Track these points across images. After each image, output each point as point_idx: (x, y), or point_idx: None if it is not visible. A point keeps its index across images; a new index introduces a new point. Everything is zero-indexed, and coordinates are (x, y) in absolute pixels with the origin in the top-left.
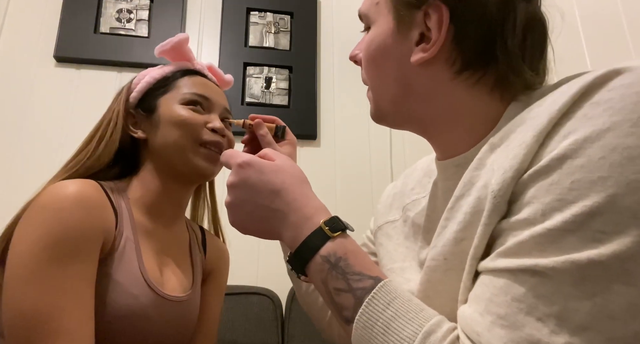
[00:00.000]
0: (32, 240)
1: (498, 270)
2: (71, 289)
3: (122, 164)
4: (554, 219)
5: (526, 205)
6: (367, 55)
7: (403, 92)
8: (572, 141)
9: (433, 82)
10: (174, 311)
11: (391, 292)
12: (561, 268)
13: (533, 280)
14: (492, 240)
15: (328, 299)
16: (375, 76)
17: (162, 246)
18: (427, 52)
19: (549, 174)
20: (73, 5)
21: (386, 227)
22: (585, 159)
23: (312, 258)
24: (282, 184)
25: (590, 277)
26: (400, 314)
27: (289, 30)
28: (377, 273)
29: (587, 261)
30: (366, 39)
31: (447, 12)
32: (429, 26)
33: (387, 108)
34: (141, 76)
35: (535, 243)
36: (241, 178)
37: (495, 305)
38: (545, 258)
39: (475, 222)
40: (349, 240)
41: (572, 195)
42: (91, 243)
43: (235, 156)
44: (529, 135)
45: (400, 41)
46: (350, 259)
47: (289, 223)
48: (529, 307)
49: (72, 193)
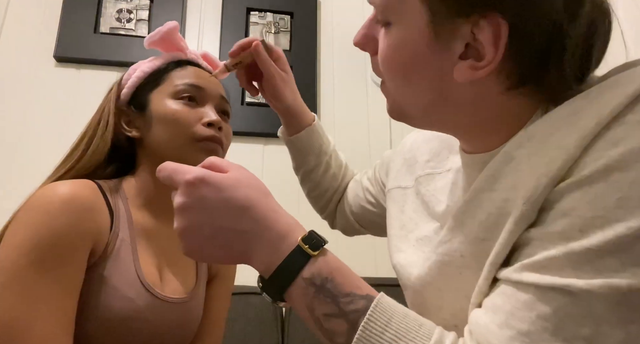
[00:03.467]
0: (14, 244)
1: (524, 284)
2: (50, 296)
3: (121, 162)
4: (594, 237)
5: (562, 217)
6: (392, 61)
7: (438, 102)
8: (623, 151)
9: (478, 96)
10: (173, 313)
11: (387, 311)
12: (597, 291)
13: (563, 299)
14: (516, 247)
15: (315, 326)
16: (402, 84)
17: (163, 246)
18: (478, 70)
19: (592, 186)
20: (73, 5)
21: (395, 192)
22: (636, 174)
23: (293, 282)
24: (247, 201)
25: (628, 304)
26: (401, 335)
27: (289, 30)
28: (367, 289)
29: (627, 287)
30: (389, 41)
31: (506, 27)
32: (480, 39)
33: (414, 113)
34: (132, 71)
35: (570, 261)
36: (195, 198)
37: (517, 320)
38: (580, 278)
39: (499, 225)
40: (331, 256)
41: (617, 213)
42: (77, 248)
43: (181, 171)
44: (571, 138)
45: (438, 52)
46: (337, 278)
47: (261, 245)
48: (556, 327)
49: (61, 196)
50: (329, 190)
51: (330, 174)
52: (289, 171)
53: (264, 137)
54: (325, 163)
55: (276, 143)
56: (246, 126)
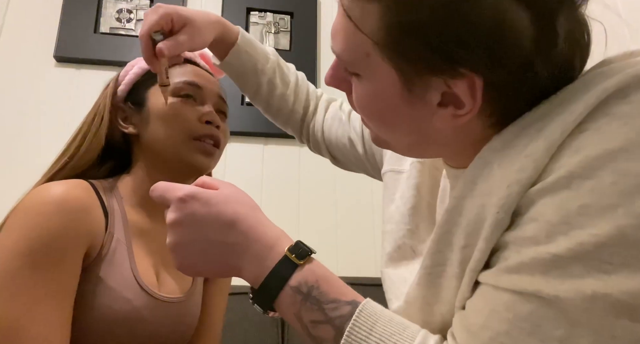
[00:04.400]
0: (8, 246)
1: (501, 287)
2: (44, 298)
3: (116, 161)
4: (559, 243)
5: (531, 222)
6: (368, 111)
7: (421, 142)
8: (583, 158)
9: (462, 134)
10: (170, 313)
11: (371, 315)
12: (564, 296)
13: (537, 302)
14: (495, 249)
15: (304, 333)
16: (382, 128)
17: (159, 245)
18: (458, 117)
19: (557, 192)
20: (73, 5)
21: (390, 176)
22: (595, 182)
23: (281, 291)
24: (235, 214)
25: (595, 309)
26: (385, 338)
27: (289, 30)
28: (353, 295)
29: (591, 293)
30: (361, 91)
31: (479, 80)
32: (455, 91)
33: (398, 150)
34: (129, 67)
35: (539, 266)
36: (186, 213)
37: (496, 321)
38: (549, 284)
39: (478, 231)
40: (317, 264)
41: (580, 220)
42: (71, 250)
43: (173, 189)
44: (539, 147)
45: (414, 104)
46: (322, 286)
47: (249, 256)
48: (532, 328)
49: (54, 197)
50: (281, 110)
51: (277, 94)
52: (289, 171)
53: (263, 137)
54: (267, 83)
55: (276, 143)
56: (246, 126)
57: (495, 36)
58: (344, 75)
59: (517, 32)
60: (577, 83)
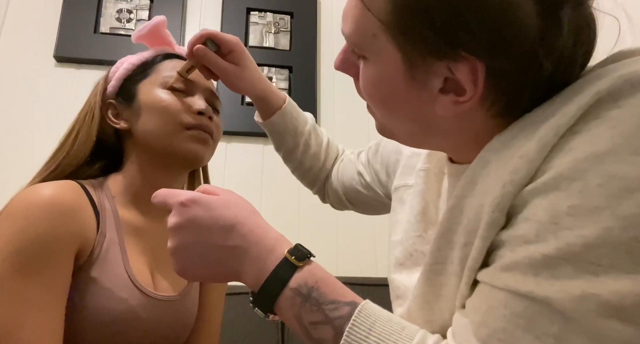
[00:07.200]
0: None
1: (497, 285)
2: (34, 302)
3: (107, 160)
4: (549, 243)
5: (524, 221)
6: (372, 95)
7: (423, 130)
8: (572, 159)
9: (464, 123)
10: (166, 311)
11: (370, 316)
12: (555, 297)
13: (531, 301)
14: (493, 248)
15: (305, 335)
16: (386, 114)
17: (153, 243)
18: (460, 104)
19: (548, 193)
20: (73, 5)
21: (402, 191)
22: (583, 183)
23: (281, 293)
24: (235, 218)
25: (585, 310)
26: (384, 338)
27: (289, 30)
28: (352, 296)
29: (580, 293)
30: (367, 74)
31: (481, 66)
32: (457, 76)
33: (401, 137)
34: (119, 64)
35: (531, 266)
36: (187, 217)
37: (493, 318)
38: (539, 285)
39: (477, 229)
40: (316, 266)
41: (568, 221)
42: (61, 252)
43: (175, 194)
44: (533, 148)
45: (416, 89)
46: (322, 287)
47: (249, 259)
48: (528, 324)
49: (43, 199)
50: (312, 169)
51: (311, 154)
52: (289, 171)
53: (263, 137)
54: (303, 143)
55: None
56: (246, 126)
57: (499, 21)
58: (352, 59)
59: (521, 19)
60: (576, 84)
